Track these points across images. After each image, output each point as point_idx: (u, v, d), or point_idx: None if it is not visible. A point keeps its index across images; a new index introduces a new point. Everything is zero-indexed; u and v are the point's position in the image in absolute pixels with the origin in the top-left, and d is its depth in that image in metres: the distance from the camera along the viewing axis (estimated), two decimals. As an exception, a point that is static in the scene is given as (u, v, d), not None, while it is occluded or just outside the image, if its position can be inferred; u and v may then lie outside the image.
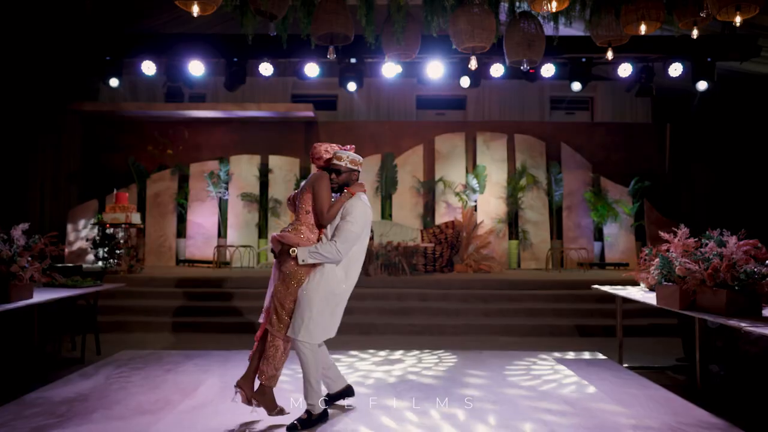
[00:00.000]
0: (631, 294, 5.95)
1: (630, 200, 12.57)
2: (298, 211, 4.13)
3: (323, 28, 5.90)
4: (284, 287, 4.00)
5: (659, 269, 5.10)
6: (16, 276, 4.69)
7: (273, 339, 4.00)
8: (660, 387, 5.21)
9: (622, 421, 4.26)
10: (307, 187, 4.10)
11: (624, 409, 4.54)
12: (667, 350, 6.83)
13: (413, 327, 8.00)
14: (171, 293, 9.01)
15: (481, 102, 13.86)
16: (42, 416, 4.24)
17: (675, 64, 10.00)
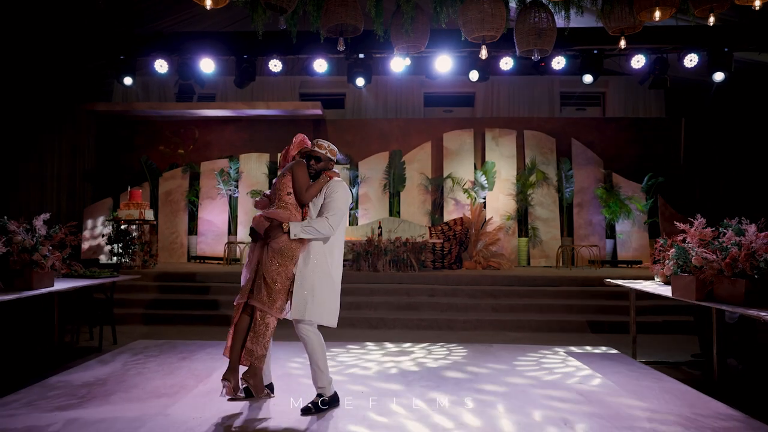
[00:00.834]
0: (645, 287, 5.88)
1: (643, 196, 12.50)
2: (279, 194, 4.22)
3: (333, 20, 5.96)
4: (276, 263, 4.04)
5: (675, 259, 5.05)
6: (38, 264, 4.80)
7: (264, 316, 4.05)
8: (675, 380, 5.16)
9: (637, 413, 4.24)
10: (287, 171, 4.26)
11: (639, 401, 4.52)
12: (682, 347, 6.77)
13: (422, 322, 8.03)
14: (183, 287, 9.11)
15: (490, 98, 13.87)
16: (64, 397, 4.37)
17: (690, 55, 9.79)
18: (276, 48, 9.86)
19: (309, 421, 3.94)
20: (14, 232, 4.80)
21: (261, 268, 4.09)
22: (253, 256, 4.19)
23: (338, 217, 4.12)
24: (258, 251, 4.17)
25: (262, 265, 4.09)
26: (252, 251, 4.21)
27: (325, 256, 4.16)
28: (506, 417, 4.09)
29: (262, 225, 4.11)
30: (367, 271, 9.82)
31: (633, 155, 13.02)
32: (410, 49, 6.68)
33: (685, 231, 5.16)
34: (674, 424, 3.99)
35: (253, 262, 4.18)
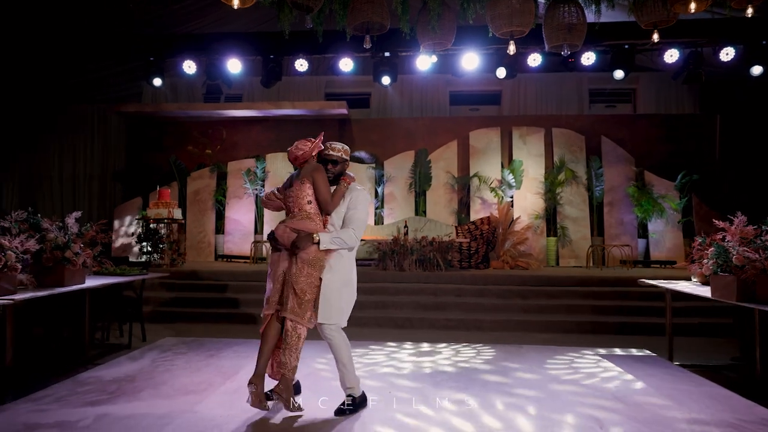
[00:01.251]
0: (682, 287, 5.70)
1: (677, 195, 12.21)
2: (299, 203, 4.11)
3: (359, 18, 5.92)
4: (306, 274, 3.99)
5: (714, 258, 4.86)
6: (70, 261, 4.84)
7: (296, 327, 3.97)
8: (715, 384, 4.97)
9: (676, 416, 4.10)
10: (305, 179, 4.11)
11: (677, 405, 4.37)
12: (720, 350, 6.56)
13: (449, 322, 7.93)
14: (210, 286, 9.16)
15: (517, 96, 13.71)
16: (94, 393, 4.41)
17: (727, 49, 9.50)
18: (302, 47, 9.88)
19: (335, 421, 3.90)
20: (47, 230, 4.86)
21: (288, 279, 4.01)
22: (277, 266, 4.10)
23: (363, 228, 4.20)
24: (283, 262, 4.08)
25: (289, 275, 4.01)
26: (275, 262, 4.12)
27: (347, 261, 4.18)
28: (539, 420, 4.00)
29: (287, 236, 4.03)
30: (393, 270, 9.76)
31: (665, 153, 12.73)
32: (437, 46, 6.60)
33: (725, 229, 4.99)
34: (716, 429, 3.85)
35: (277, 272, 4.08)
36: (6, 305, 4.00)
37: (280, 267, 4.08)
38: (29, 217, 4.85)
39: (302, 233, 4.02)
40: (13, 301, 4.01)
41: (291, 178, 4.23)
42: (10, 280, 4.18)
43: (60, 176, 13.20)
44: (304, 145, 4.15)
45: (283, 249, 4.08)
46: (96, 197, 13.24)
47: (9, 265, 4.13)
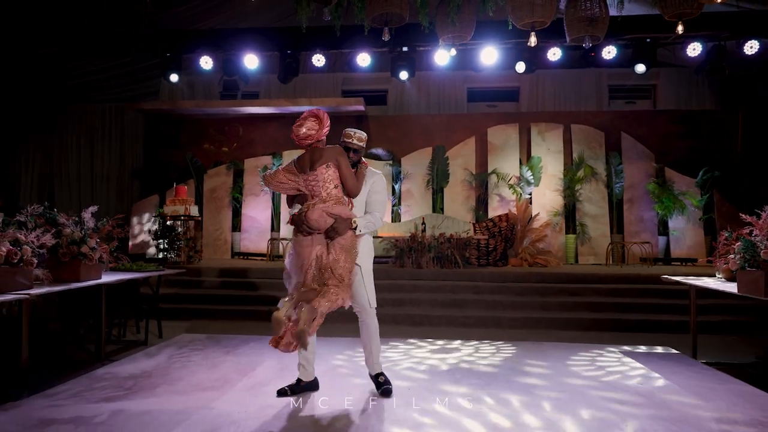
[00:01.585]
0: (706, 284, 5.55)
1: (698, 192, 11.99)
2: (325, 186, 3.98)
3: (377, 9, 5.86)
4: (345, 260, 3.93)
5: (741, 253, 4.73)
6: (86, 256, 4.81)
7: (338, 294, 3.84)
8: (742, 382, 4.84)
9: (703, 415, 3.98)
10: (330, 162, 4.00)
11: (704, 403, 4.24)
12: (744, 348, 6.42)
13: (467, 319, 7.83)
14: (227, 283, 9.15)
15: (535, 92, 13.56)
16: (110, 389, 4.37)
17: (751, 42, 9.30)
18: (319, 42, 9.83)
19: (354, 417, 3.83)
20: (63, 225, 4.83)
21: (327, 264, 3.89)
22: (309, 250, 3.92)
23: (385, 210, 4.39)
24: (316, 246, 3.93)
25: (325, 261, 3.90)
26: (305, 246, 3.93)
27: (371, 246, 4.31)
28: (563, 418, 3.89)
29: (324, 221, 3.91)
30: (411, 267, 9.68)
31: (686, 149, 12.51)
32: (456, 39, 6.53)
33: (752, 223, 4.84)
34: (745, 427, 3.73)
35: (309, 257, 3.91)
36: (22, 300, 3.97)
37: (312, 251, 3.92)
38: (45, 212, 4.83)
39: (340, 218, 3.95)
40: (29, 296, 3.98)
41: (310, 162, 4.03)
42: (26, 275, 4.15)
43: (78, 174, 13.28)
44: (312, 128, 4.02)
45: (314, 233, 3.94)
46: (114, 195, 13.31)
47: (25, 260, 4.10)
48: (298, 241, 4.00)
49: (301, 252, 3.96)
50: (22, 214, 4.49)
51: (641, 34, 9.51)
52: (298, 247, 3.99)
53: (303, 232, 3.96)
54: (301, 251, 3.96)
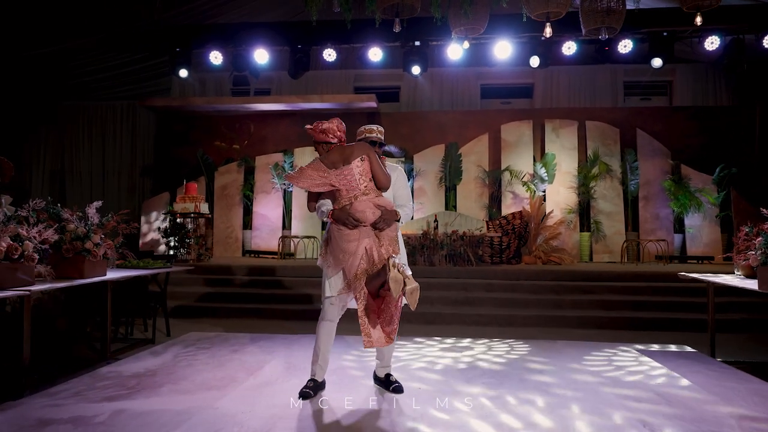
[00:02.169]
0: (725, 281, 5.40)
1: (714, 189, 11.77)
2: (361, 180, 3.98)
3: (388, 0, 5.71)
4: (396, 250, 3.94)
5: (763, 249, 4.58)
6: (90, 252, 4.72)
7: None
8: (763, 381, 4.69)
9: (725, 416, 3.83)
10: (365, 157, 4.02)
11: (724, 403, 4.09)
12: (763, 346, 6.27)
13: (480, 317, 7.69)
14: (237, 281, 9.06)
15: (549, 89, 13.39)
16: (113, 388, 4.28)
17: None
18: (330, 37, 9.72)
19: (364, 417, 3.71)
20: (67, 220, 4.75)
21: (380, 258, 3.84)
22: (357, 244, 3.88)
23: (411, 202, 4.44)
24: (363, 239, 3.88)
25: (376, 254, 3.85)
26: (353, 240, 3.89)
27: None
28: (579, 418, 3.75)
29: (372, 212, 3.90)
30: (423, 265, 9.56)
31: (702, 145, 12.27)
32: (469, 31, 6.40)
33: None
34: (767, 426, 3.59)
35: (358, 251, 3.87)
36: (23, 296, 3.89)
37: (360, 244, 3.88)
38: (48, 207, 4.74)
39: (386, 210, 3.96)
40: (29, 292, 3.90)
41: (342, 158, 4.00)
42: (27, 271, 4.06)
43: (89, 171, 13.29)
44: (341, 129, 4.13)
45: (360, 226, 3.90)
46: (125, 192, 13.32)
47: (26, 255, 4.01)
48: (342, 236, 3.93)
49: (346, 247, 3.91)
50: (24, 209, 4.41)
51: (658, 28, 9.32)
52: (343, 242, 3.92)
53: (348, 225, 3.90)
54: (347, 246, 3.91)
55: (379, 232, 3.93)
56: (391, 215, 3.97)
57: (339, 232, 3.95)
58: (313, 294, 8.28)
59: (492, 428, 3.56)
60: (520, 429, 3.56)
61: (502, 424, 3.63)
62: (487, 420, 3.71)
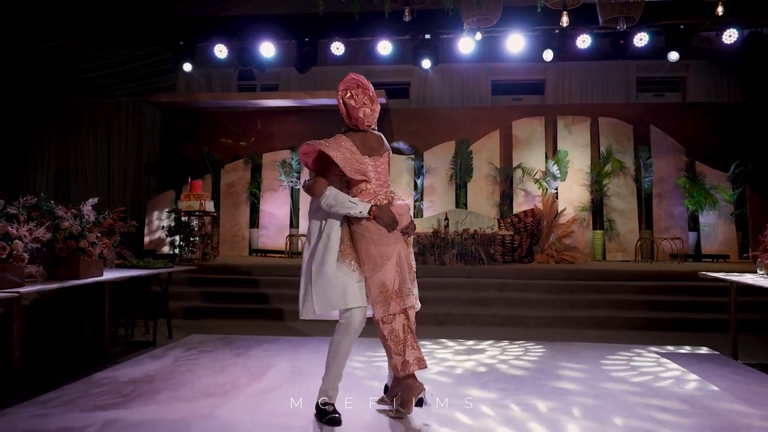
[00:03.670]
0: (749, 280, 5.17)
1: (730, 186, 11.49)
2: (387, 175, 3.69)
3: (398, -12, 5.50)
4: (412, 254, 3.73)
5: (789, 247, 4.38)
6: (85, 251, 4.51)
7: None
8: (791, 385, 4.46)
9: (755, 423, 3.62)
10: (385, 151, 3.69)
11: (753, 410, 3.88)
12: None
13: (493, 318, 7.47)
14: (243, 281, 8.85)
15: (561, 85, 13.12)
16: (107, 395, 4.07)
17: (791, 28, 8.88)
18: (338, 29, 9.50)
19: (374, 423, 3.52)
20: (61, 218, 4.54)
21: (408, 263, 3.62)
22: (391, 249, 3.49)
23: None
24: (397, 245, 3.52)
25: (406, 260, 3.60)
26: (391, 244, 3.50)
27: None
28: (601, 426, 3.53)
29: (406, 216, 3.59)
30: (434, 264, 9.34)
31: (717, 142, 11.96)
32: (481, 22, 6.20)
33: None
34: None
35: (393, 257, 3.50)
36: (12, 298, 3.69)
37: (397, 249, 3.51)
38: (41, 204, 4.53)
39: (408, 212, 3.64)
40: (18, 294, 3.70)
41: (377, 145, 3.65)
42: (17, 271, 3.84)
43: (94, 169, 13.14)
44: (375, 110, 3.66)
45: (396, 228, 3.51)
46: (130, 190, 13.16)
47: (15, 255, 3.80)
48: (381, 239, 3.48)
49: (386, 251, 3.48)
50: (13, 206, 4.20)
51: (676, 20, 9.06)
52: (383, 246, 3.48)
53: (389, 227, 3.48)
54: (387, 250, 3.48)
55: (407, 237, 3.64)
56: (411, 219, 3.72)
57: (378, 232, 3.47)
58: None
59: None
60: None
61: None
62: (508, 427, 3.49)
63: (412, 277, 3.61)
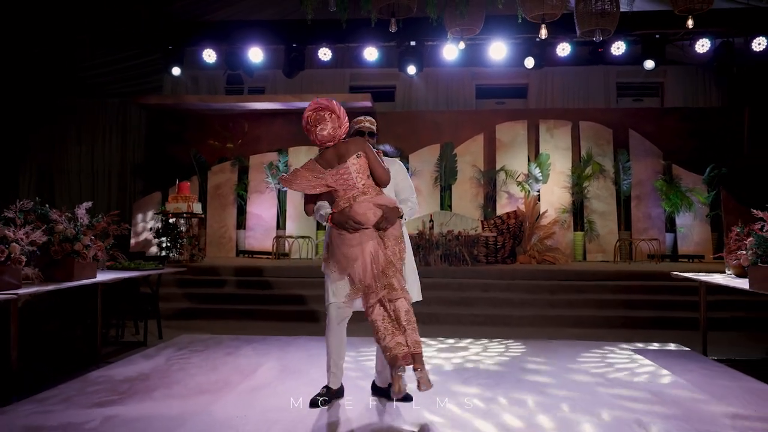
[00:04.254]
0: (717, 280, 5.46)
1: (705, 189, 11.83)
2: (358, 178, 3.74)
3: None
4: (400, 251, 3.75)
5: (753, 249, 4.62)
6: (79, 254, 4.65)
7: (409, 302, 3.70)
8: (754, 379, 4.74)
9: (717, 412, 3.88)
10: (361, 153, 3.78)
11: (718, 402, 4.13)
12: (754, 344, 6.32)
13: (476, 317, 7.67)
14: (230, 281, 8.99)
15: (543, 90, 13.40)
16: (104, 393, 4.20)
17: (759, 39, 9.23)
18: (325, 36, 9.67)
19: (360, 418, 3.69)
20: (56, 221, 4.67)
21: (387, 259, 3.66)
22: (360, 249, 3.64)
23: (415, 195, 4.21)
24: (366, 242, 3.65)
25: (382, 255, 3.66)
26: (355, 245, 3.65)
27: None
28: (574, 417, 3.77)
29: (373, 213, 3.67)
30: (419, 265, 9.45)
31: (694, 146, 12.30)
32: (464, 32, 6.40)
33: (764, 218, 4.73)
34: (761, 423, 3.65)
35: (363, 255, 3.63)
36: (10, 300, 3.82)
37: (364, 248, 3.64)
38: (36, 207, 4.66)
39: (387, 208, 3.73)
40: (17, 296, 3.83)
41: (337, 156, 3.78)
42: (14, 274, 3.98)
43: (78, 170, 13.11)
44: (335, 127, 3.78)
45: (362, 229, 3.66)
46: (115, 192, 13.17)
47: (13, 258, 3.93)
48: (343, 242, 3.70)
49: (349, 252, 3.67)
50: (10, 210, 4.33)
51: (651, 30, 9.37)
52: (345, 247, 3.69)
53: (349, 229, 3.68)
54: (349, 251, 3.67)
55: (382, 232, 3.72)
56: (393, 213, 3.74)
57: (340, 236, 3.72)
58: (308, 295, 8.22)
59: (489, 429, 3.56)
60: (517, 429, 3.56)
61: (500, 425, 3.62)
62: (484, 421, 3.70)
63: (393, 271, 3.67)
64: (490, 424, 3.65)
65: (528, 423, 3.67)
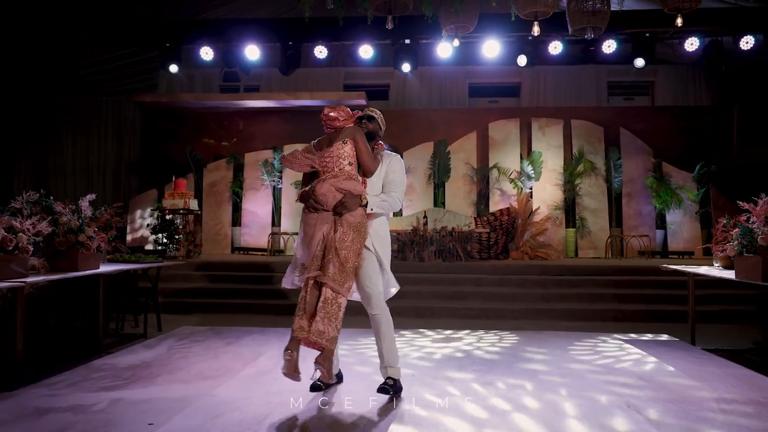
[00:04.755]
0: (704, 271, 5.63)
1: (695, 186, 12.01)
2: (339, 162, 3.84)
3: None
4: (351, 239, 3.72)
5: (739, 239, 4.78)
6: (83, 245, 4.75)
7: (336, 296, 3.66)
8: (741, 366, 4.91)
9: (704, 396, 4.03)
10: (347, 139, 3.89)
11: (705, 386, 4.28)
12: (742, 335, 6.49)
13: (470, 311, 7.81)
14: (227, 277, 9.09)
15: (536, 88, 13.56)
16: (108, 379, 4.32)
17: (746, 37, 9.39)
18: (321, 34, 9.76)
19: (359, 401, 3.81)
20: (60, 213, 4.78)
21: (331, 244, 3.70)
22: (314, 229, 3.75)
23: (404, 191, 4.13)
24: (322, 224, 3.74)
25: (332, 240, 3.71)
26: (312, 224, 3.77)
27: (388, 230, 4.10)
28: (567, 401, 3.90)
29: (332, 196, 3.74)
30: (413, 261, 9.66)
31: (684, 144, 12.48)
32: (459, 29, 6.52)
33: (750, 210, 4.88)
34: (744, 406, 3.80)
35: (315, 235, 3.73)
36: (17, 288, 3.91)
37: (318, 229, 3.74)
38: (41, 199, 4.76)
39: (349, 194, 3.77)
40: (24, 284, 3.93)
41: (328, 140, 3.95)
42: (21, 263, 4.09)
43: (73, 168, 13.13)
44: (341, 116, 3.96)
45: (321, 210, 3.76)
46: (110, 190, 13.17)
47: (20, 247, 4.03)
48: (304, 219, 3.86)
49: (306, 231, 3.81)
50: (17, 201, 4.42)
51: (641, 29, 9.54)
52: (304, 225, 3.85)
53: (310, 208, 3.81)
54: (307, 230, 3.81)
55: (338, 217, 3.75)
56: (353, 200, 3.76)
57: (304, 215, 3.87)
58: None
59: (484, 411, 3.68)
60: (510, 411, 3.69)
61: (493, 407, 3.75)
62: (479, 404, 3.82)
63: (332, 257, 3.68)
64: (482, 407, 3.78)
65: (519, 405, 3.81)
